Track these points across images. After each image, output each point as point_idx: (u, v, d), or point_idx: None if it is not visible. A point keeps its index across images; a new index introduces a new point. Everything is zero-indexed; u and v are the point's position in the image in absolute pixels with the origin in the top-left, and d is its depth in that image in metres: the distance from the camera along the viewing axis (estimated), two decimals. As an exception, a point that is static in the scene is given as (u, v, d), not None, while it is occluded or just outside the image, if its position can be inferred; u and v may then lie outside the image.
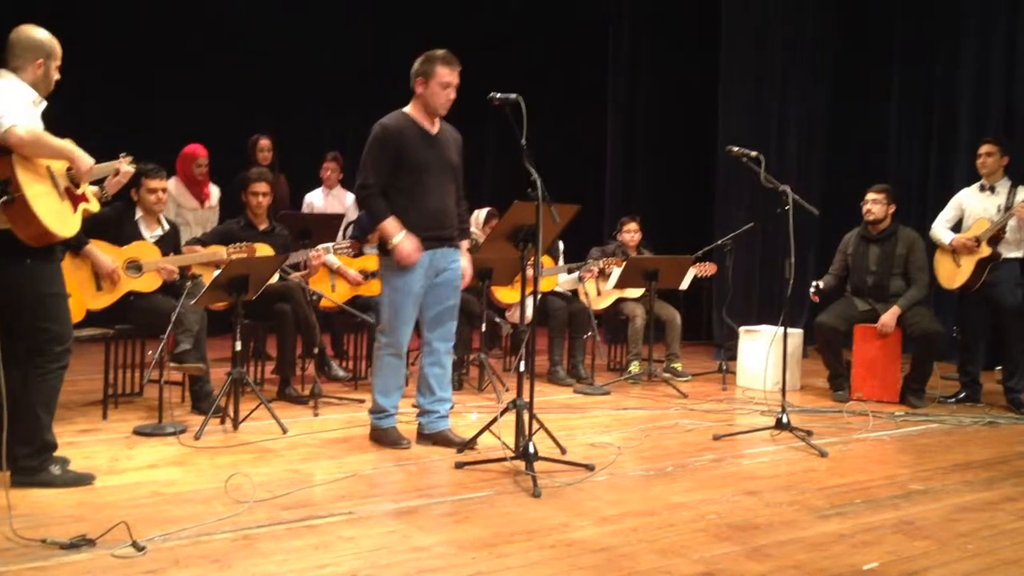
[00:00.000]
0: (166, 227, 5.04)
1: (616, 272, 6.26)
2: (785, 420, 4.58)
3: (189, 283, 4.62)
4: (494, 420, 4.03)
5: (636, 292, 6.44)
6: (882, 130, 8.49)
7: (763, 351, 5.99)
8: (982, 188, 5.77)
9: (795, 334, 6.17)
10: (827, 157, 8.27)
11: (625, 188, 9.15)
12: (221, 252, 5.04)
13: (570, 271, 6.35)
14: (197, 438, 4.19)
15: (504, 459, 3.83)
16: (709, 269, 6.58)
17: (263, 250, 5.15)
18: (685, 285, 6.51)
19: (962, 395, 5.81)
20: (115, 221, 4.82)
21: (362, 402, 5.14)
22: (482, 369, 5.81)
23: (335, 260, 5.76)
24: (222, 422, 4.52)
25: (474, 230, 5.85)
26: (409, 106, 4.15)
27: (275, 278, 5.05)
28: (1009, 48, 7.47)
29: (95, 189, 3.83)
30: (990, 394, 5.87)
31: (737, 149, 4.80)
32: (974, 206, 5.76)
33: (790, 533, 3.16)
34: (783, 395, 4.77)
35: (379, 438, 4.25)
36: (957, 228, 5.82)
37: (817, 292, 5.87)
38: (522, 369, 3.95)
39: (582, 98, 9.80)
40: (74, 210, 3.47)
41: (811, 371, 6.58)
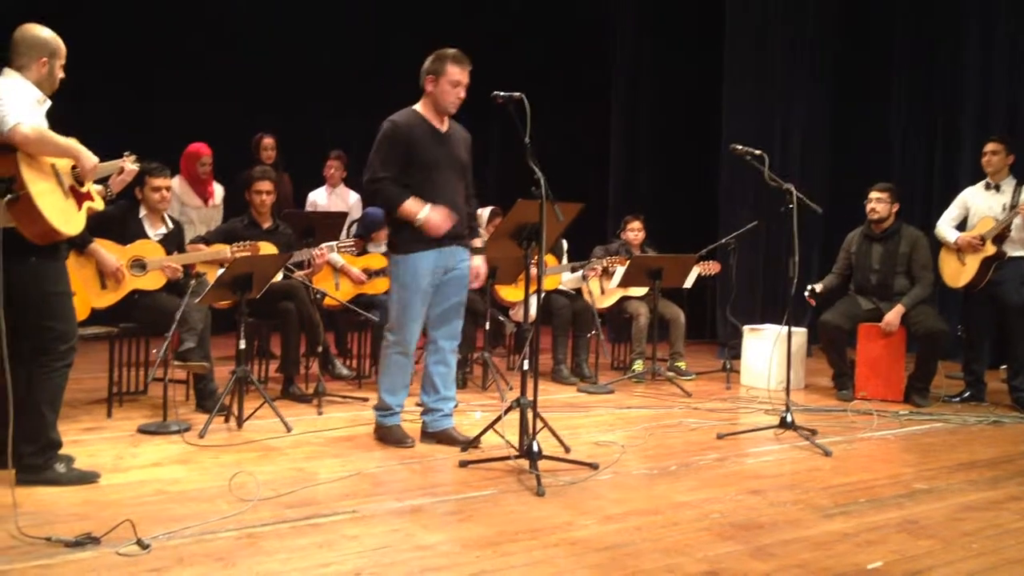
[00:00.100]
0: (170, 225, 5.05)
1: (620, 271, 6.25)
2: (789, 419, 4.58)
3: (193, 281, 4.62)
4: (498, 419, 4.03)
5: (640, 291, 6.44)
6: (883, 130, 8.49)
7: (767, 350, 5.99)
8: (987, 186, 5.77)
9: (799, 333, 6.16)
10: (829, 157, 8.26)
11: (628, 187, 9.17)
12: (225, 250, 5.05)
13: (574, 270, 6.34)
14: (201, 436, 4.20)
15: (508, 458, 3.83)
16: (713, 268, 6.58)
17: (267, 248, 5.16)
18: (689, 284, 6.51)
19: (966, 394, 5.80)
20: (119, 219, 4.84)
21: (366, 400, 5.15)
22: (486, 368, 5.82)
23: (339, 258, 5.76)
24: (226, 420, 4.53)
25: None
26: (419, 104, 4.15)
27: (279, 276, 5.05)
28: (1011, 48, 7.45)
29: (99, 187, 3.83)
30: (995, 393, 5.86)
31: (741, 148, 4.80)
32: (979, 204, 5.75)
33: (794, 532, 3.15)
34: (787, 394, 4.76)
35: (383, 436, 4.25)
36: (962, 227, 5.82)
37: (812, 295, 5.86)
38: (526, 368, 3.95)
39: (582, 98, 9.79)
40: (79, 208, 3.47)
41: (815, 370, 6.58)
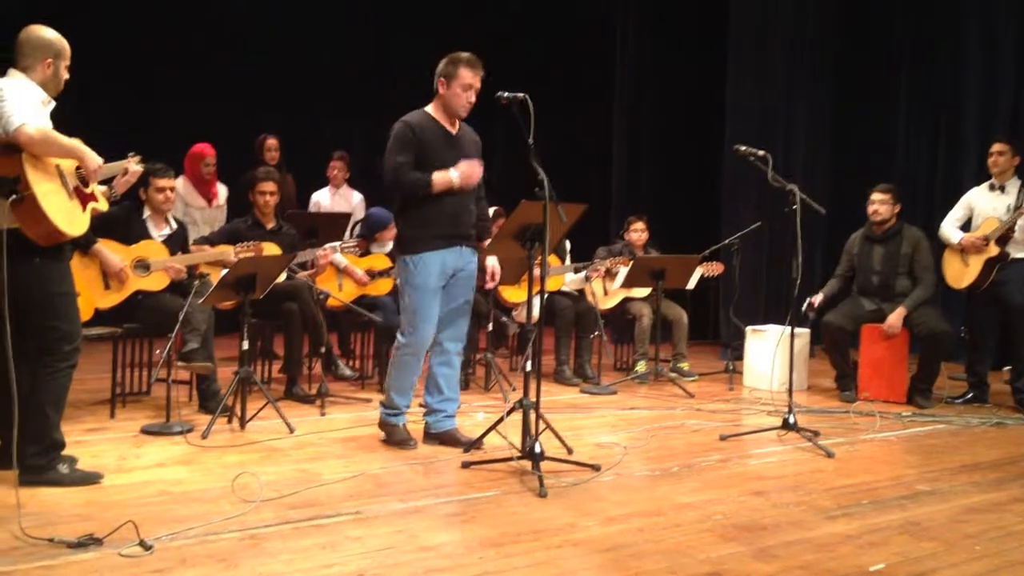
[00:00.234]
0: (174, 226, 5.06)
1: (623, 271, 6.25)
2: (792, 420, 4.58)
3: (197, 282, 4.62)
4: (500, 420, 4.02)
5: (643, 291, 6.43)
6: (884, 130, 8.46)
7: (770, 351, 5.99)
8: (992, 187, 5.76)
9: (802, 334, 6.15)
10: (829, 157, 8.25)
11: (630, 187, 9.16)
12: (229, 251, 5.04)
13: (577, 270, 6.34)
14: (204, 437, 4.21)
15: (510, 459, 3.83)
16: (716, 268, 6.57)
17: (270, 249, 5.16)
18: (692, 284, 6.50)
19: (970, 395, 5.79)
20: (123, 220, 4.85)
21: (369, 401, 5.15)
22: (488, 368, 5.82)
23: (342, 259, 5.77)
24: (229, 421, 4.53)
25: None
26: (430, 105, 4.17)
27: (282, 277, 5.05)
28: (1012, 47, 7.44)
29: (104, 188, 3.83)
30: (998, 394, 5.84)
31: (744, 148, 4.80)
32: (983, 205, 5.75)
33: (797, 534, 3.15)
34: (790, 395, 4.75)
35: (388, 433, 4.26)
36: (966, 227, 5.81)
37: (811, 309, 5.85)
38: (528, 369, 3.95)
39: (583, 98, 9.77)
40: (83, 209, 3.48)
41: (818, 371, 6.56)
